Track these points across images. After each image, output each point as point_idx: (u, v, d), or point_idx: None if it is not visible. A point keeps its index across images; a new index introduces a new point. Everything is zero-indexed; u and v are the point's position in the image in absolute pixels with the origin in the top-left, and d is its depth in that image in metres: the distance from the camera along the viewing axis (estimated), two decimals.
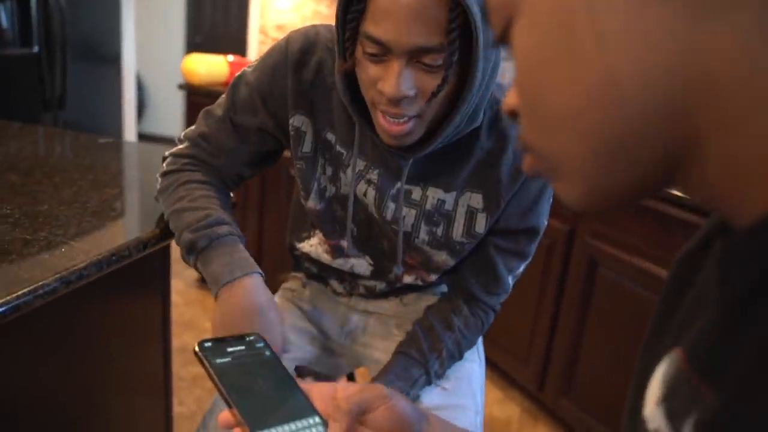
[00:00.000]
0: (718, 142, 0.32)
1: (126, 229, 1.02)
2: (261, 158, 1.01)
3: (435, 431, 0.66)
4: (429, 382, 0.97)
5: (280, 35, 3.13)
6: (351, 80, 0.84)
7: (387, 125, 0.79)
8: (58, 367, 1.14)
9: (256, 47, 3.19)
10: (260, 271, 0.89)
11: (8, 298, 0.74)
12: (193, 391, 2.15)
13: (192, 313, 2.69)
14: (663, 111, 0.33)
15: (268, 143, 0.99)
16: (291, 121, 0.93)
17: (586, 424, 1.91)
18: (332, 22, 0.83)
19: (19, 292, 0.76)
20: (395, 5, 0.71)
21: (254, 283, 0.86)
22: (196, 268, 0.91)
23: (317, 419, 0.61)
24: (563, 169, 0.39)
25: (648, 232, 1.69)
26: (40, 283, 0.79)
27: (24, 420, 1.06)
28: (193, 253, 0.89)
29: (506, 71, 0.88)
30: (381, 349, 1.08)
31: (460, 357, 1.01)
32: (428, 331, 0.99)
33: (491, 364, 2.31)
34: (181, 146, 1.01)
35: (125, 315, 1.33)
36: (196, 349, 0.65)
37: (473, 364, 1.08)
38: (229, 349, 0.67)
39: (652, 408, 0.40)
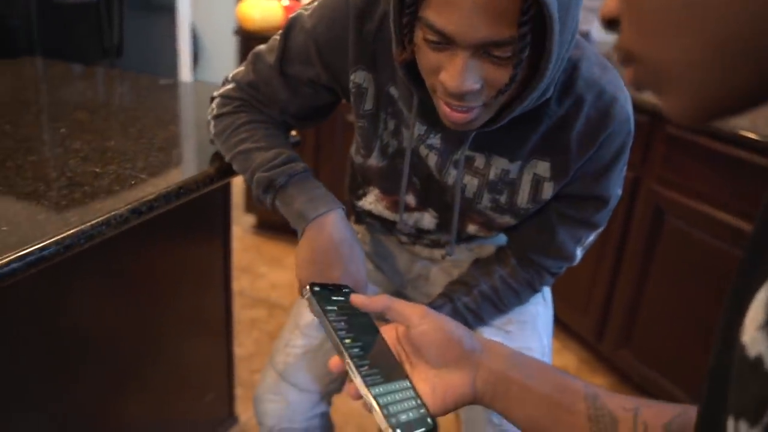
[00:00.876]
0: None
1: (192, 164, 1.02)
2: (314, 111, 0.96)
3: (498, 364, 0.66)
4: (458, 312, 0.95)
5: None
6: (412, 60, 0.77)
7: (450, 113, 0.73)
8: (125, 303, 1.17)
9: None
10: (342, 205, 0.88)
11: (83, 227, 0.76)
12: (251, 334, 2.21)
13: (249, 258, 2.74)
14: None
15: (322, 97, 0.93)
16: (352, 77, 0.87)
17: (644, 375, 1.88)
18: None
19: (94, 221, 0.77)
20: None
21: (338, 219, 0.85)
22: (274, 207, 0.90)
23: (408, 383, 0.63)
24: (671, 76, 0.35)
25: (717, 179, 1.61)
26: (113, 213, 0.80)
27: (90, 352, 1.10)
28: (270, 191, 0.88)
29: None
30: None
31: (502, 303, 0.97)
32: (465, 274, 0.99)
33: (558, 320, 2.29)
34: (229, 87, 0.96)
35: (189, 257, 1.35)
36: (307, 292, 0.69)
37: (537, 306, 1.05)
38: (334, 298, 0.70)
39: (753, 333, 0.38)
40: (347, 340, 0.64)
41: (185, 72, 3.59)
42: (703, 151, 1.63)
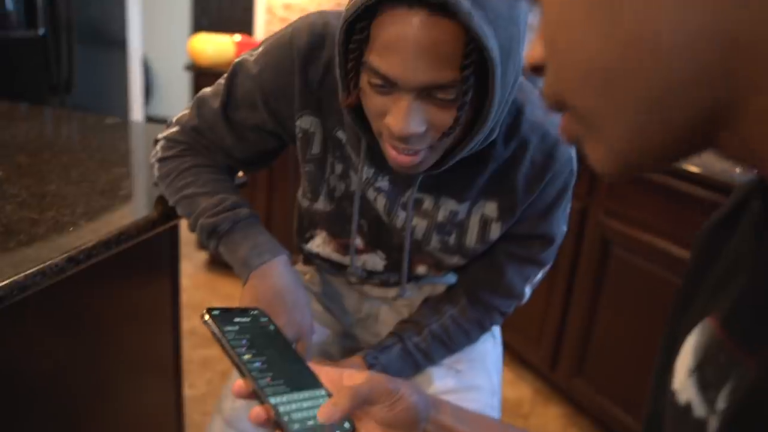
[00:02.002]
0: (759, 100, 0.30)
1: (134, 209, 1.00)
2: (259, 156, 0.95)
3: (445, 418, 0.65)
4: (407, 352, 0.95)
5: (288, 15, 3.09)
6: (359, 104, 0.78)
7: (396, 156, 0.74)
8: (67, 349, 1.14)
9: (263, 27, 3.16)
10: (286, 251, 0.88)
11: (17, 277, 0.74)
12: (203, 374, 2.16)
13: (201, 295, 2.69)
14: (704, 70, 0.31)
15: (268, 142, 0.93)
16: (298, 122, 0.87)
17: (598, 404, 1.90)
18: (340, 0, 0.78)
19: (28, 272, 0.75)
20: (402, 39, 0.64)
21: (282, 266, 0.86)
22: (218, 252, 0.89)
23: (323, 392, 0.61)
24: (597, 126, 0.36)
25: (662, 210, 1.66)
26: (49, 263, 0.78)
27: (34, 401, 1.06)
28: (213, 237, 0.88)
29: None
30: None
31: (452, 342, 0.97)
32: (415, 314, 0.99)
33: (503, 345, 2.31)
34: (173, 130, 0.95)
35: (135, 297, 1.32)
36: (206, 315, 0.64)
37: (486, 344, 1.06)
38: (236, 319, 0.66)
39: (682, 380, 0.39)
40: (246, 356, 0.61)
41: (137, 107, 3.55)
42: (647, 183, 1.69)
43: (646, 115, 0.34)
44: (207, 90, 0.93)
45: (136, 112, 3.56)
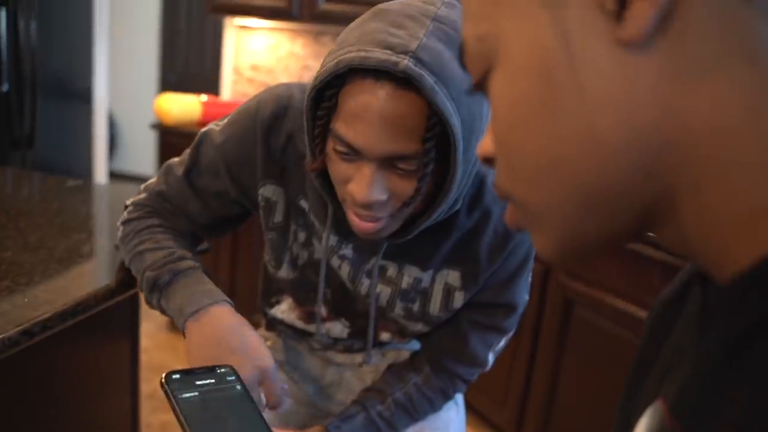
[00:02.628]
0: (696, 199, 0.32)
1: (93, 277, 0.99)
2: (221, 223, 0.96)
3: None
4: (371, 420, 0.94)
5: (255, 75, 3.13)
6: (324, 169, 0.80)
7: (358, 222, 0.75)
8: (24, 415, 1.10)
9: (229, 87, 3.19)
10: (229, 300, 0.84)
11: None
12: None
13: (162, 357, 2.62)
14: (642, 167, 0.33)
15: (231, 209, 0.93)
16: (261, 191, 0.89)
17: None
18: (306, 62, 0.80)
19: None
20: (367, 110, 0.67)
21: (224, 310, 0.81)
22: (160, 308, 0.86)
23: None
24: (541, 218, 0.38)
25: (623, 272, 1.70)
26: (1, 336, 0.76)
27: None
28: (155, 291, 0.85)
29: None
30: None
31: (416, 411, 0.97)
32: (379, 381, 0.98)
33: (468, 406, 2.29)
34: (141, 196, 0.96)
35: (94, 363, 1.29)
36: (163, 381, 0.62)
37: (450, 412, 1.06)
38: (198, 382, 0.63)
39: None
40: (199, 429, 0.58)
41: (100, 162, 3.52)
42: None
43: (586, 208, 0.35)
44: (175, 159, 0.95)
45: (100, 167, 3.53)
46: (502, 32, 0.37)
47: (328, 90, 0.69)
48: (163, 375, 0.62)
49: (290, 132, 0.85)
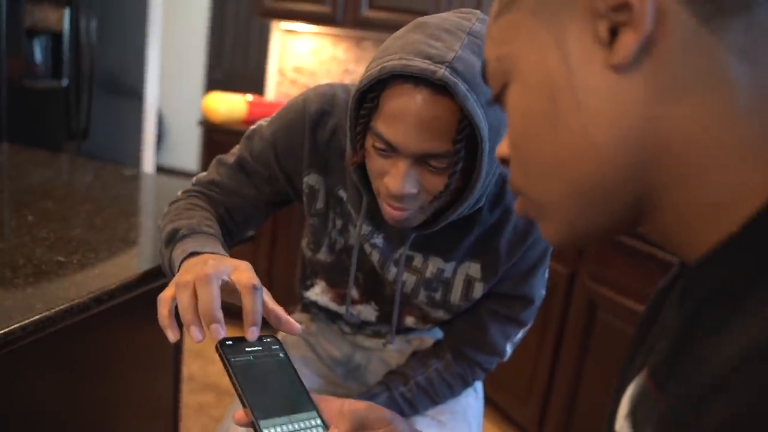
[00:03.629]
0: (674, 194, 0.40)
1: (152, 256, 1.09)
2: (269, 206, 1.03)
3: None
4: (394, 400, 1.00)
5: (298, 77, 3.25)
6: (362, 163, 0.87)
7: (390, 211, 0.82)
8: (74, 387, 1.21)
9: (274, 87, 3.31)
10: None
11: (47, 313, 0.82)
12: (198, 419, 2.20)
13: (202, 343, 2.74)
14: (630, 167, 0.41)
15: (278, 195, 1.01)
16: (305, 179, 0.96)
17: None
18: (347, 66, 0.87)
19: (57, 309, 0.83)
20: (406, 112, 0.74)
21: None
22: (169, 260, 0.86)
23: (319, 421, 0.66)
24: (546, 210, 0.47)
25: (645, 276, 1.74)
26: (75, 302, 0.86)
27: None
28: (170, 245, 0.87)
29: None
30: None
31: (436, 394, 1.03)
32: (403, 365, 1.05)
33: (491, 403, 2.35)
34: (192, 185, 1.03)
35: (140, 343, 1.39)
36: (218, 346, 0.69)
37: (469, 398, 1.12)
38: (247, 349, 0.71)
39: (621, 422, 0.47)
40: (249, 388, 0.65)
41: (148, 156, 3.68)
42: (631, 251, 1.78)
43: (584, 203, 0.44)
44: (225, 155, 1.03)
45: (147, 160, 3.69)
46: (516, 55, 0.45)
47: (371, 92, 0.78)
48: (218, 341, 0.69)
49: (334, 127, 0.94)
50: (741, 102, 0.37)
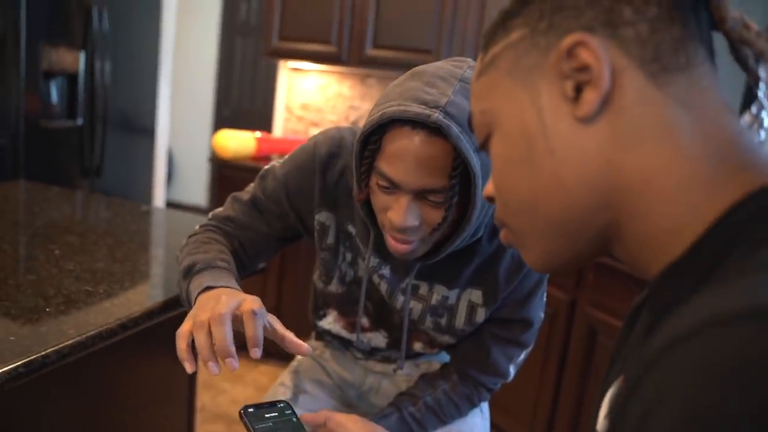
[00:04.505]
0: (634, 225, 0.47)
1: (169, 286, 1.16)
2: (279, 242, 1.10)
3: None
4: (404, 420, 1.05)
5: (305, 114, 3.35)
6: (368, 199, 0.94)
7: (394, 244, 0.89)
8: (91, 417, 1.26)
9: (281, 124, 3.41)
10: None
11: (79, 338, 0.89)
12: None
13: (208, 373, 2.79)
14: (596, 204, 0.48)
15: (289, 231, 1.08)
16: (317, 217, 1.03)
17: None
18: (353, 102, 0.95)
19: (88, 334, 0.90)
20: (405, 152, 0.81)
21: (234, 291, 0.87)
22: (187, 295, 0.93)
23: None
24: (526, 241, 0.54)
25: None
26: (104, 327, 0.93)
27: None
28: (187, 278, 0.93)
29: None
30: None
31: (444, 414, 1.09)
32: (412, 386, 1.11)
33: (497, 428, 2.38)
34: (209, 220, 1.10)
35: (156, 373, 1.45)
36: (242, 413, 0.79)
37: (475, 418, 1.17)
38: (267, 415, 0.81)
39: (601, 422, 0.54)
40: None
41: (159, 192, 3.77)
42: (625, 277, 1.84)
43: (557, 234, 0.51)
44: (239, 192, 1.11)
45: (158, 196, 3.79)
46: (497, 110, 0.53)
47: (373, 135, 0.86)
48: (241, 409, 0.80)
49: (343, 168, 1.01)
50: (685, 145, 0.45)
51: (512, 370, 1.10)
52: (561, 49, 0.47)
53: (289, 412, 0.83)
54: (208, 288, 0.88)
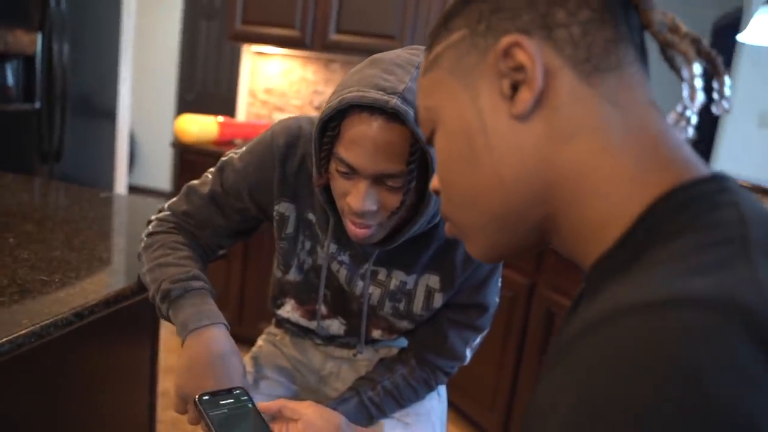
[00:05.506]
0: (569, 217, 0.50)
1: (129, 274, 1.16)
2: (241, 232, 1.12)
3: None
4: (363, 404, 1.08)
5: (268, 98, 3.33)
6: (327, 185, 0.96)
7: (353, 229, 0.91)
8: (51, 401, 1.26)
9: (244, 108, 3.39)
10: (225, 322, 0.97)
11: (33, 328, 0.89)
12: None
13: (173, 359, 2.79)
14: (532, 198, 0.50)
15: (249, 222, 1.10)
16: (276, 207, 1.04)
17: None
18: (317, 87, 0.97)
19: (42, 323, 0.90)
20: (364, 137, 0.83)
21: (219, 333, 0.94)
22: (167, 318, 0.98)
23: None
24: (468, 233, 0.56)
25: None
26: (59, 317, 0.93)
27: None
28: (165, 301, 0.97)
29: None
30: None
31: (402, 398, 1.11)
32: (371, 371, 1.14)
33: (458, 410, 2.43)
34: (165, 213, 1.09)
35: (117, 358, 1.45)
36: (196, 401, 0.80)
37: (433, 401, 1.20)
38: (222, 402, 0.82)
39: None
40: None
41: (121, 177, 3.72)
42: None
43: (497, 227, 0.53)
44: (195, 182, 1.10)
45: (120, 180, 3.73)
46: (440, 107, 0.55)
47: (332, 122, 0.87)
48: (196, 396, 0.81)
49: (302, 157, 1.02)
50: (613, 142, 0.47)
51: (468, 353, 1.13)
52: (498, 50, 0.48)
53: (245, 398, 0.84)
54: (195, 330, 0.93)
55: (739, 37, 2.73)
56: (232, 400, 0.83)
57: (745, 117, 4.05)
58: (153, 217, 1.12)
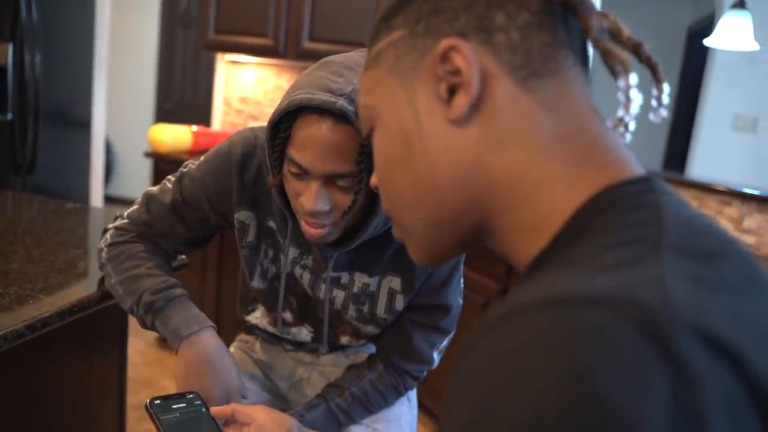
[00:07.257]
0: (503, 220, 0.50)
1: (87, 285, 1.15)
2: (200, 240, 1.14)
3: None
4: (330, 411, 1.08)
5: (243, 107, 3.32)
6: (283, 186, 0.98)
7: (308, 229, 0.92)
8: (14, 418, 1.25)
9: (220, 117, 3.38)
10: (213, 324, 1.03)
11: None
12: None
13: (150, 372, 2.77)
14: (467, 201, 0.51)
15: (209, 230, 1.11)
16: (236, 216, 1.05)
17: None
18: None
19: None
20: (313, 138, 0.85)
21: (210, 336, 1.00)
22: (154, 327, 1.02)
23: None
24: (409, 233, 0.56)
25: None
26: (10, 329, 0.92)
27: None
28: (150, 313, 1.01)
29: None
30: None
31: (370, 404, 1.12)
32: (339, 378, 1.14)
33: (429, 412, 2.44)
34: (123, 221, 1.10)
35: (84, 371, 1.43)
36: (147, 405, 0.81)
37: (402, 406, 1.20)
38: (174, 406, 0.83)
39: None
40: None
41: (97, 188, 3.69)
42: None
43: (435, 228, 0.53)
44: (154, 189, 1.11)
45: (96, 192, 3.70)
46: (378, 105, 0.55)
47: (284, 124, 0.88)
48: (147, 400, 0.81)
49: (259, 166, 1.03)
50: (547, 147, 0.47)
51: (436, 356, 1.13)
52: (435, 53, 0.48)
53: (199, 403, 0.84)
54: (187, 336, 0.98)
55: (707, 42, 2.77)
56: (184, 405, 0.83)
57: (720, 120, 4.10)
58: (110, 226, 1.12)
